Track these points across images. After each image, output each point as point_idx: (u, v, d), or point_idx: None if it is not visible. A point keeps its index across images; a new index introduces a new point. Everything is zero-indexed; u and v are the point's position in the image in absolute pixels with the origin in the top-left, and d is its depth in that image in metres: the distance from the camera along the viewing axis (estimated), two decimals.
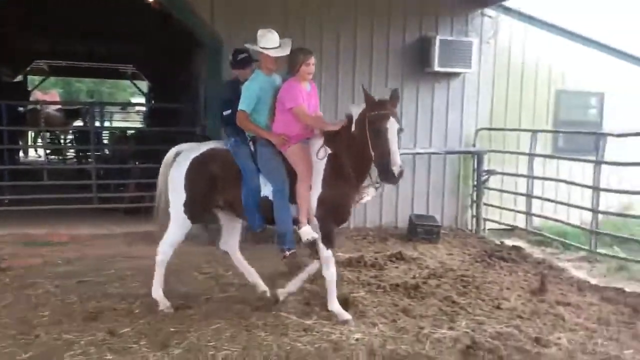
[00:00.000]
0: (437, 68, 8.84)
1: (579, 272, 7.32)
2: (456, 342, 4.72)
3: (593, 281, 6.87)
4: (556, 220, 8.79)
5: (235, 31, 7.67)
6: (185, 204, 5.35)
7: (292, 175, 5.09)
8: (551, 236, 8.65)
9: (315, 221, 5.11)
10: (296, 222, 5.12)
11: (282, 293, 5.49)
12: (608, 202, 8.86)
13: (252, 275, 5.83)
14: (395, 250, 7.66)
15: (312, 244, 5.24)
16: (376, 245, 8.19)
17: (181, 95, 13.16)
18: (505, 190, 9.47)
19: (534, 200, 8.95)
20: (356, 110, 4.97)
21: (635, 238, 8.25)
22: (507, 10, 9.47)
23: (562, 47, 9.94)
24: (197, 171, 5.36)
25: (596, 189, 7.45)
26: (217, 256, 6.53)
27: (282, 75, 5.33)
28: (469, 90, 9.48)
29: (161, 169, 5.67)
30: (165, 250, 5.42)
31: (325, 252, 5.10)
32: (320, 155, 5.07)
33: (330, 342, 4.61)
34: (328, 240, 5.10)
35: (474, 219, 9.49)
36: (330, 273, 5.14)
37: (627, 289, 6.44)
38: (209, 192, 5.37)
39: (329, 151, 5.08)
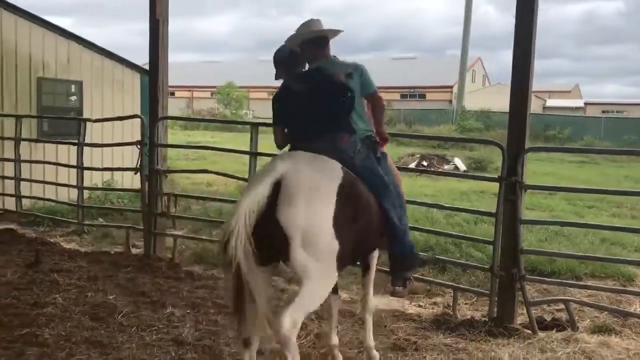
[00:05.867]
0: None
1: (70, 244, 8.17)
2: None
3: (83, 249, 7.83)
4: (46, 200, 9.38)
5: None
6: (340, 250, 3.46)
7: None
8: (42, 215, 9.18)
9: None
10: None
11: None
12: (93, 179, 9.98)
13: None
14: None
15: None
16: None
17: None
18: None
19: (23, 183, 9.26)
20: None
21: (116, 208, 9.67)
22: None
23: (41, 37, 10.42)
24: (347, 205, 3.57)
25: (80, 168, 8.34)
26: None
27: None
28: None
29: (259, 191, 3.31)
30: (297, 321, 3.34)
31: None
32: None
33: None
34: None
35: None
36: None
37: (111, 252, 7.65)
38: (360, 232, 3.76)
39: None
